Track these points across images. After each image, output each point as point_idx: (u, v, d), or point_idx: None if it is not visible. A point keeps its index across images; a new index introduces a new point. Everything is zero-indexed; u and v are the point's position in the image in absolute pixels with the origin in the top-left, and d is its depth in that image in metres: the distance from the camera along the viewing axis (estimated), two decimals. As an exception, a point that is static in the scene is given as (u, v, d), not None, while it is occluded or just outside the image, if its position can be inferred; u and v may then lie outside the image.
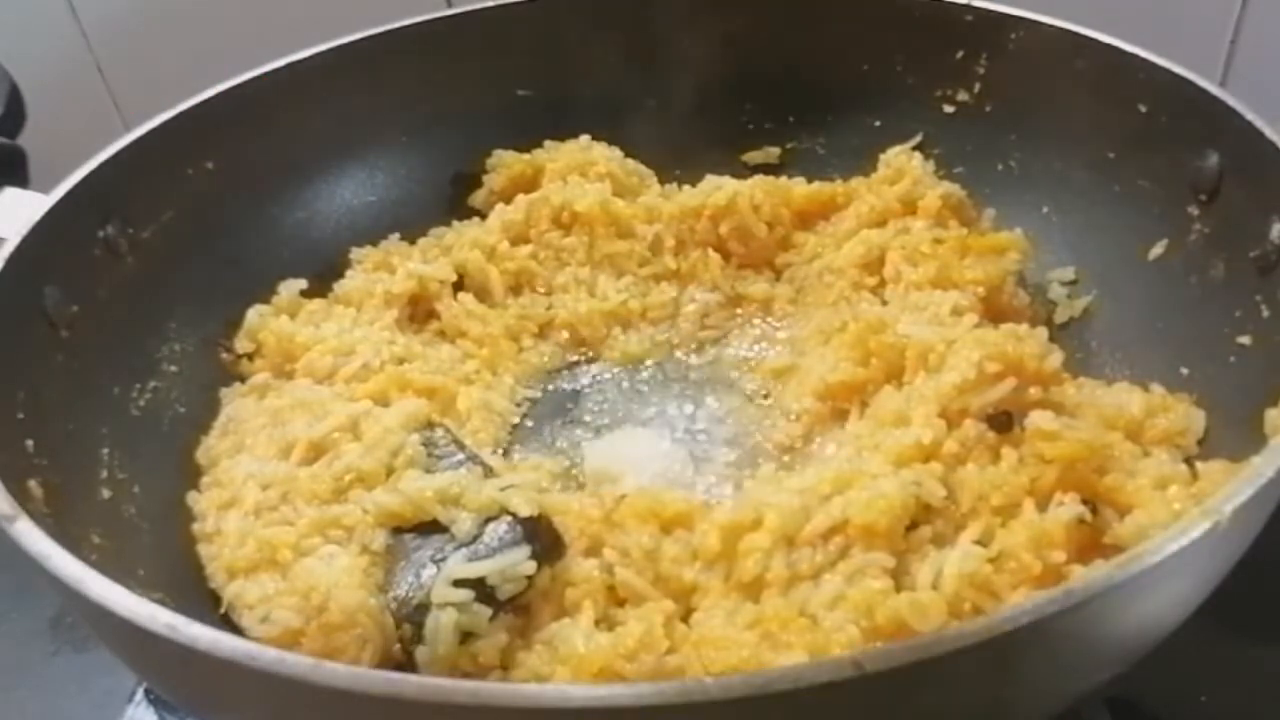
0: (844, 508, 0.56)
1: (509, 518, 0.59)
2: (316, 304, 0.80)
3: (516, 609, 0.58)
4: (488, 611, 0.56)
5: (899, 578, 0.55)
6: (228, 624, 0.59)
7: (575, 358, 0.82)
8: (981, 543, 0.55)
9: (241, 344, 0.78)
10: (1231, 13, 1.02)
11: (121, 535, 0.61)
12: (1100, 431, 0.61)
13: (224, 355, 0.78)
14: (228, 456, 0.68)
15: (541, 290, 0.84)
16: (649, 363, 0.81)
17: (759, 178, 0.87)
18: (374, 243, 0.87)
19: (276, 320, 0.77)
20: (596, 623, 0.57)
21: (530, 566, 0.57)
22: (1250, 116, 0.65)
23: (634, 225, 0.85)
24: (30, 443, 0.58)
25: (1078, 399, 0.64)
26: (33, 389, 0.61)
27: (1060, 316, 0.79)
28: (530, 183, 0.89)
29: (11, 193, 0.76)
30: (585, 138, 0.91)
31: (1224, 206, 0.68)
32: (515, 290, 0.84)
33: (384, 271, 0.83)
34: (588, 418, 0.77)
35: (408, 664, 0.57)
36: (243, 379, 0.76)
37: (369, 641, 0.56)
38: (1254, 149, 0.64)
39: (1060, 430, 0.59)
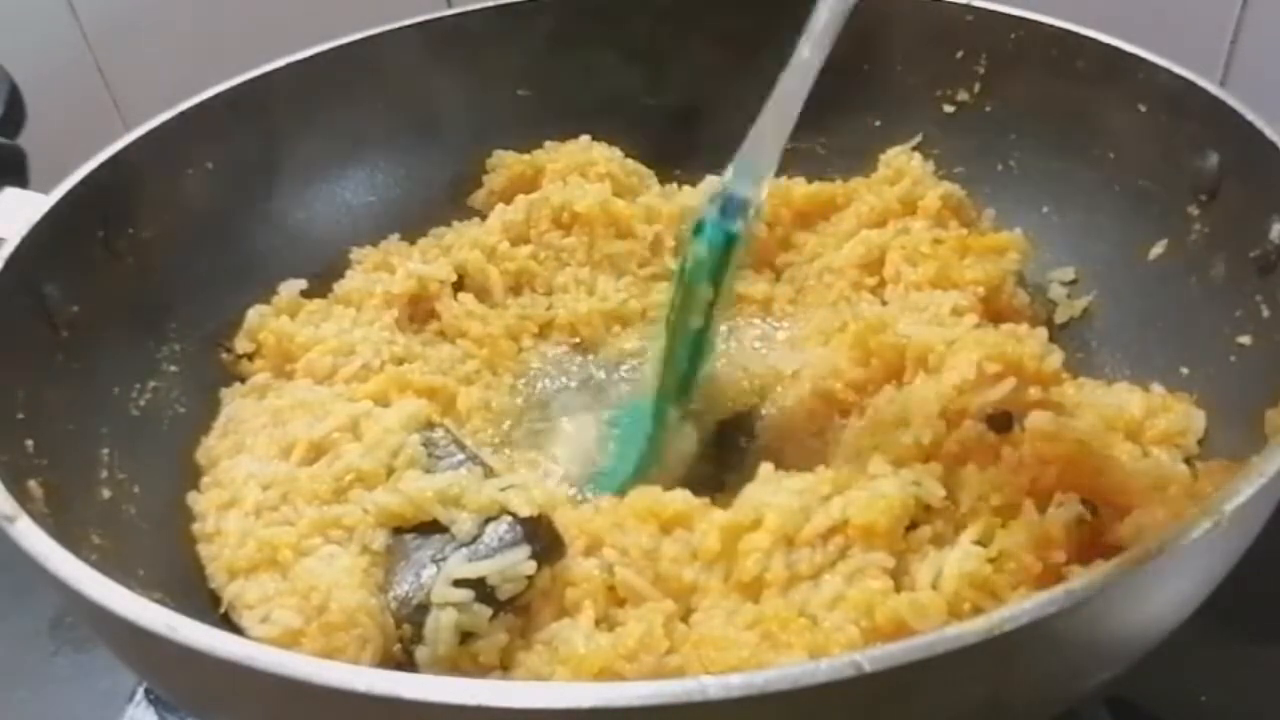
0: (844, 508, 0.56)
1: (509, 518, 0.59)
2: (316, 304, 0.80)
3: (516, 609, 0.58)
4: (488, 611, 0.56)
5: (899, 578, 0.55)
6: (228, 624, 0.59)
7: (575, 358, 0.82)
8: (981, 543, 0.55)
9: (241, 344, 0.78)
10: (1231, 13, 1.02)
11: (121, 535, 0.61)
12: (1100, 431, 0.61)
13: (224, 355, 0.78)
14: (228, 457, 0.68)
15: (541, 290, 0.84)
16: (648, 362, 0.81)
17: (759, 178, 0.87)
18: (374, 243, 0.87)
19: (276, 320, 0.77)
20: (596, 623, 0.57)
21: (530, 566, 0.57)
22: (1250, 116, 0.65)
23: (634, 225, 0.85)
24: (30, 443, 0.58)
25: (1078, 399, 0.64)
26: (33, 389, 0.61)
27: (1060, 316, 0.79)
28: (530, 183, 0.89)
29: (11, 193, 0.76)
30: (585, 138, 0.91)
31: (1224, 206, 0.68)
32: (515, 290, 0.83)
33: (384, 271, 0.83)
34: (588, 417, 0.77)
35: (408, 664, 0.57)
36: (243, 379, 0.76)
37: (369, 641, 0.55)
38: (1254, 149, 0.64)
39: (1060, 430, 0.59)
